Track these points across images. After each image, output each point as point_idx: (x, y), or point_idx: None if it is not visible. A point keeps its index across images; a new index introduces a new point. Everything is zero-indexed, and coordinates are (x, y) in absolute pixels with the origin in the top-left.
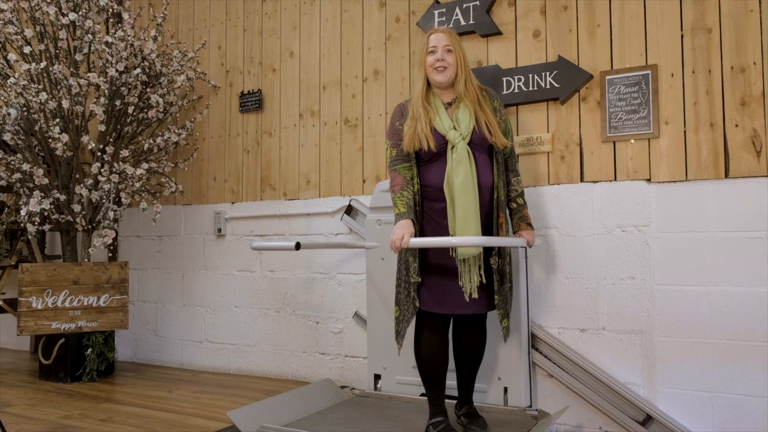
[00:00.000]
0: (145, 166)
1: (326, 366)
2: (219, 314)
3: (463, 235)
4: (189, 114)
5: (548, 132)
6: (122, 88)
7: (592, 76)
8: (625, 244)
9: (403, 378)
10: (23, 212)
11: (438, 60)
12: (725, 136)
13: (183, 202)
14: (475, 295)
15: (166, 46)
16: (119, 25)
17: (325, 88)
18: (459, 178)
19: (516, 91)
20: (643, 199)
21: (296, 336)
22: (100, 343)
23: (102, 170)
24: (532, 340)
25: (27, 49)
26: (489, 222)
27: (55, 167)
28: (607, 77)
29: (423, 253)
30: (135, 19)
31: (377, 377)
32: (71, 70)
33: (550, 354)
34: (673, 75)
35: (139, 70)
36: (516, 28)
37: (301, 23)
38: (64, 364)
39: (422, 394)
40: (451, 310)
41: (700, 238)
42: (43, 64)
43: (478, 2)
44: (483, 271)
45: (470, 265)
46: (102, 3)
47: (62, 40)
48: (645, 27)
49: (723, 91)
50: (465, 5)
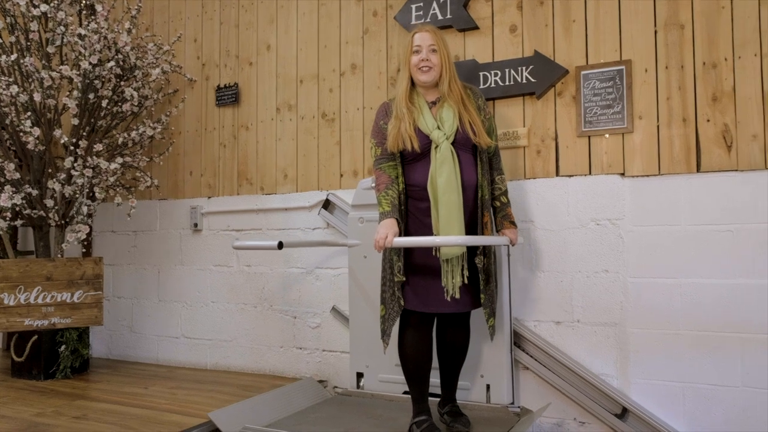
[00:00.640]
0: (119, 160)
1: (304, 361)
2: (195, 310)
3: (447, 234)
4: (164, 108)
5: (524, 126)
6: (96, 82)
7: (567, 71)
8: (600, 237)
9: (386, 376)
10: None
11: (423, 60)
12: (697, 130)
13: (158, 196)
14: (457, 296)
15: (141, 38)
16: (92, 17)
17: (303, 82)
18: (443, 178)
19: (492, 85)
20: (617, 193)
21: (273, 331)
22: (74, 339)
23: (75, 165)
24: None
25: None
26: (473, 221)
27: (27, 162)
28: (583, 72)
29: (407, 252)
30: (109, 11)
31: (360, 375)
32: (43, 62)
33: (526, 347)
34: (646, 70)
35: (112, 63)
36: (493, 23)
37: (278, 16)
38: (38, 362)
39: (405, 392)
40: (435, 308)
41: (673, 232)
42: (14, 57)
43: None
44: (467, 270)
45: (453, 265)
46: None
47: (34, 32)
48: (619, 23)
49: (695, 87)
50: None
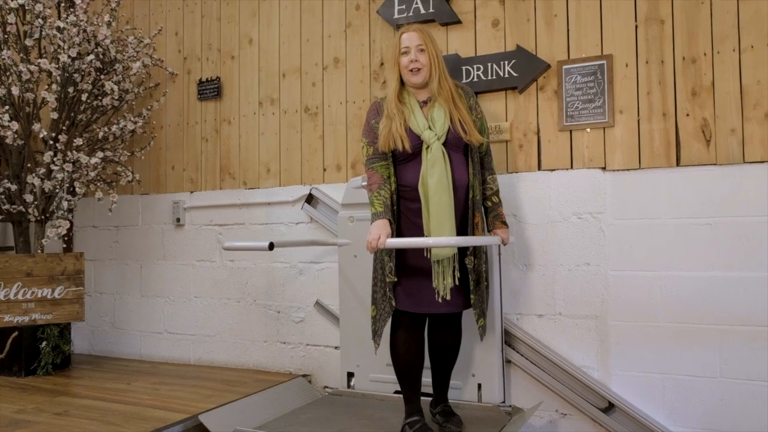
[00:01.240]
0: (100, 154)
1: (287, 355)
2: (178, 305)
3: (438, 236)
4: (145, 102)
5: (507, 121)
6: (75, 75)
7: (549, 66)
8: (581, 231)
9: (377, 376)
10: None
11: (412, 61)
12: (677, 125)
13: (140, 191)
14: (448, 297)
15: (121, 31)
16: (71, 10)
17: (285, 76)
18: (433, 179)
19: (475, 80)
20: (598, 186)
21: (257, 326)
22: (56, 335)
23: (55, 159)
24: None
25: None
26: (464, 222)
27: (6, 156)
28: (564, 67)
29: (399, 252)
30: (88, 4)
31: (350, 375)
32: (21, 55)
33: (514, 344)
34: (627, 65)
35: (92, 57)
36: (475, 17)
37: (260, 10)
38: (18, 358)
39: (396, 392)
40: (426, 309)
41: (653, 225)
42: None
43: None
44: (458, 272)
45: (444, 267)
46: None
47: (11, 24)
48: (601, 17)
49: (675, 81)
50: None
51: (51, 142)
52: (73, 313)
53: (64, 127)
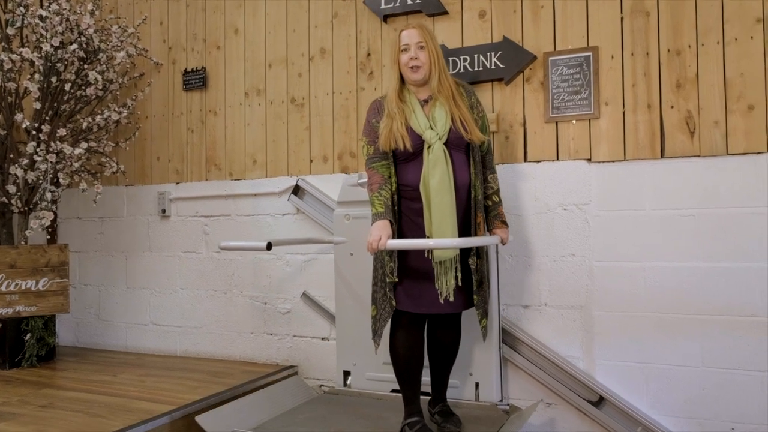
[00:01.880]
0: (84, 145)
1: (274, 346)
2: (164, 296)
3: (440, 236)
4: (130, 92)
5: (493, 112)
6: (58, 65)
7: (535, 57)
8: (566, 222)
9: (374, 374)
10: None
11: (411, 59)
12: (661, 117)
13: (125, 182)
14: (451, 299)
15: (105, 20)
16: None
17: (271, 67)
18: (435, 179)
19: (462, 71)
20: (583, 178)
21: (244, 317)
22: (40, 327)
23: (38, 150)
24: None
25: None
26: (466, 222)
27: None
28: (551, 58)
29: (400, 253)
30: None
31: (347, 373)
32: (3, 44)
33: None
34: (613, 57)
35: (75, 46)
36: (462, 8)
37: None
38: (2, 350)
39: (393, 390)
40: (427, 309)
41: (637, 216)
42: None
43: None
44: (460, 272)
45: (446, 268)
46: None
47: None
48: (587, 9)
49: (660, 73)
50: None
51: (34, 132)
52: (57, 305)
53: (47, 118)
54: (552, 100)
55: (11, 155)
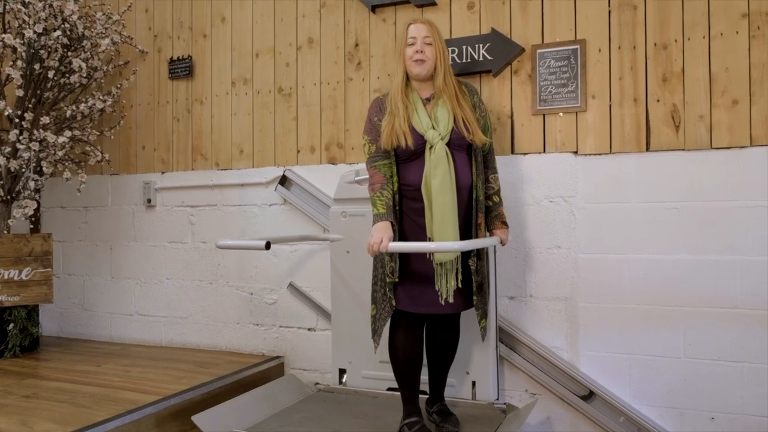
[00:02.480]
0: (68, 133)
1: (260, 337)
2: (150, 287)
3: (441, 238)
4: (115, 80)
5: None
6: (41, 51)
7: (523, 50)
8: (553, 214)
9: (370, 372)
10: None
11: (417, 52)
12: (647, 110)
13: (110, 171)
14: (451, 300)
15: (89, 7)
16: None
17: (258, 56)
18: (437, 180)
19: (450, 63)
20: (570, 170)
21: (230, 307)
22: (23, 317)
23: (21, 138)
24: None
25: None
26: (467, 223)
27: None
28: (538, 51)
29: (401, 253)
30: None
31: (342, 371)
32: None
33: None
34: (600, 50)
35: (59, 33)
36: None
37: None
38: None
39: (390, 389)
40: (427, 309)
41: (623, 209)
42: None
43: None
44: (460, 274)
45: (447, 270)
46: None
47: None
48: (575, 2)
49: (646, 67)
50: None
51: (17, 120)
52: (41, 295)
53: (30, 105)
54: (539, 93)
55: None
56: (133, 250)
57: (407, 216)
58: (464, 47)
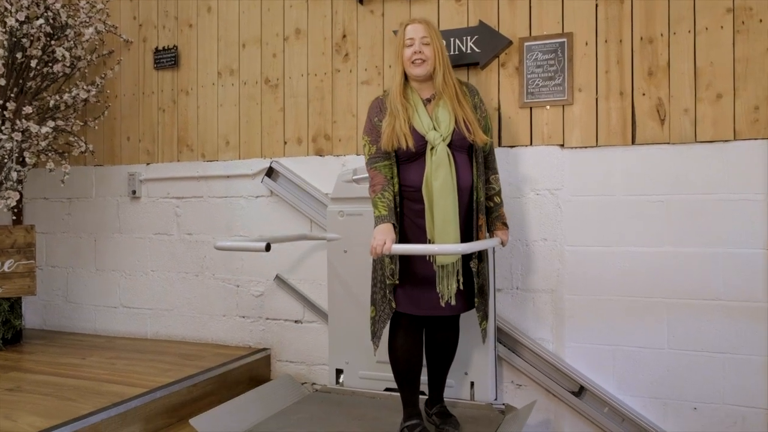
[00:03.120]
0: (51, 124)
1: (247, 329)
2: (135, 279)
3: (442, 240)
4: (99, 70)
5: None
6: (24, 40)
7: (511, 42)
8: (539, 207)
9: (367, 373)
10: None
11: (415, 53)
12: (633, 104)
13: (94, 162)
14: (453, 302)
15: None
16: None
17: (245, 46)
18: (438, 182)
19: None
20: (556, 163)
21: (216, 300)
22: (6, 310)
23: (3, 128)
24: None
25: None
26: (468, 224)
27: None
28: (526, 44)
29: (402, 255)
30: None
31: (339, 372)
32: None
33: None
34: (587, 43)
35: (42, 21)
36: None
37: None
38: None
39: (387, 389)
40: (427, 312)
41: (608, 202)
42: None
43: None
44: (461, 276)
45: (448, 272)
46: None
47: None
48: None
49: (632, 61)
50: None
51: None
52: (24, 287)
53: (12, 95)
54: (527, 86)
55: None
56: (117, 242)
57: (407, 217)
58: (452, 39)
